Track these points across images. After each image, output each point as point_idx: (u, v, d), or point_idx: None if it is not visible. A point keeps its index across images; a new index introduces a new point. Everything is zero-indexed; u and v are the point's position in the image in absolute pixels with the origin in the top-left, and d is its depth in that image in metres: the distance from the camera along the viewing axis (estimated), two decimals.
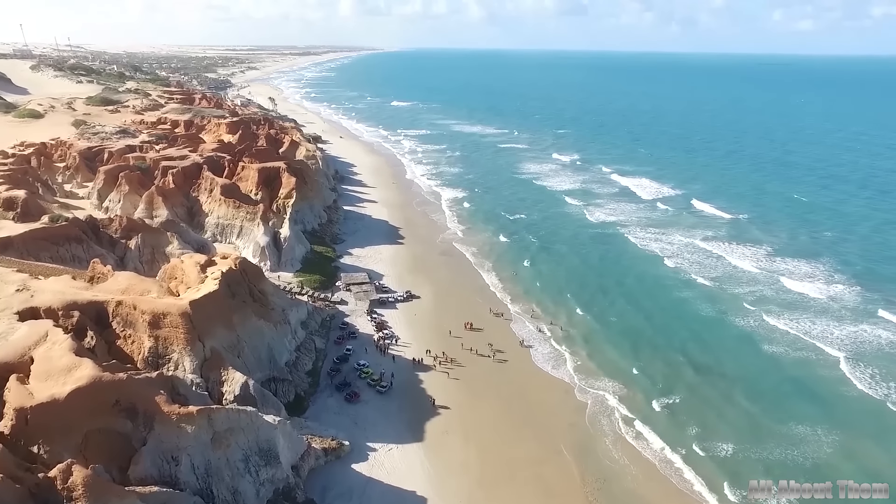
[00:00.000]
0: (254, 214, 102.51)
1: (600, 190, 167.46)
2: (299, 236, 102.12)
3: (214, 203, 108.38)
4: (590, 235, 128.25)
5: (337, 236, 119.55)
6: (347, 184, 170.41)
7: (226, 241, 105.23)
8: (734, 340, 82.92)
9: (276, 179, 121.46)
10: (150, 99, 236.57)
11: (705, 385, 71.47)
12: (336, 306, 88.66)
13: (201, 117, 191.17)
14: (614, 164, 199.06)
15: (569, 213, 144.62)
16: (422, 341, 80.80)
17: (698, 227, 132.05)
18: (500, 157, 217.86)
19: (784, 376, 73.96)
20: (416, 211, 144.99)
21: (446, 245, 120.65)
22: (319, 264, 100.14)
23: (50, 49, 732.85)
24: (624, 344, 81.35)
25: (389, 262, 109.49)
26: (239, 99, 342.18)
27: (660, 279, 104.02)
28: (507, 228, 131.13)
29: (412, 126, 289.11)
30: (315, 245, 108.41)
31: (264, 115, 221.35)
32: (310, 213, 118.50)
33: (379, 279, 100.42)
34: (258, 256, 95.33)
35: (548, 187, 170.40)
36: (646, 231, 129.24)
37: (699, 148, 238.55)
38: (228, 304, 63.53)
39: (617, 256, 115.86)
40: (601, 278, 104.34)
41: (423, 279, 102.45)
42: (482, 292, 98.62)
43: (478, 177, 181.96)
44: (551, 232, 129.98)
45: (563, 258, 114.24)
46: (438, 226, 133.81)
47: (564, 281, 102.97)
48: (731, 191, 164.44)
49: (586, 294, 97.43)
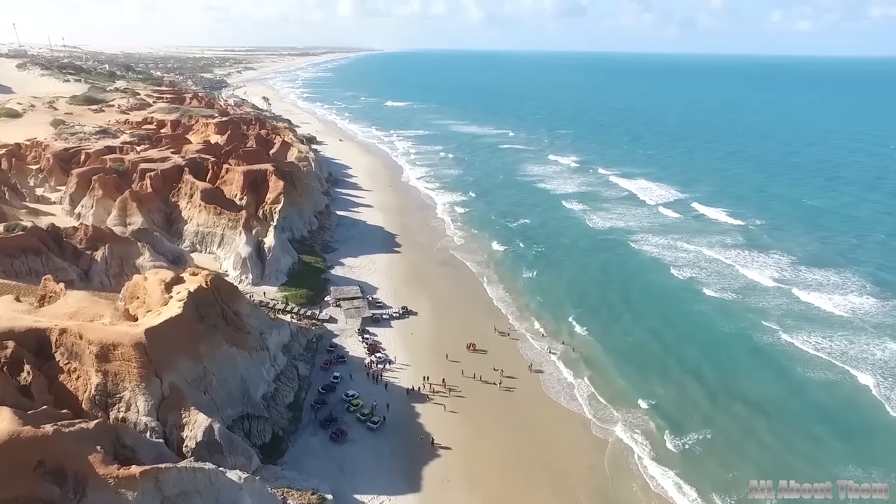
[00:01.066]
0: (236, 222, 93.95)
1: (601, 193, 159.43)
2: (285, 246, 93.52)
3: (194, 209, 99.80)
4: (594, 243, 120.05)
5: (328, 244, 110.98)
6: (342, 187, 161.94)
7: (206, 251, 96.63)
8: (754, 362, 74.73)
9: (263, 183, 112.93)
10: (137, 98, 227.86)
11: (736, 418, 63.08)
12: (324, 325, 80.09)
13: (189, 117, 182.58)
14: (614, 165, 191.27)
15: (571, 219, 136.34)
16: (419, 366, 72.27)
17: (704, 233, 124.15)
18: (499, 158, 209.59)
19: (811, 405, 65.80)
20: (413, 216, 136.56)
21: (445, 254, 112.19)
22: (307, 276, 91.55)
23: (45, 49, 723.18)
24: (641, 368, 73.10)
25: (384, 273, 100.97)
26: (232, 99, 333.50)
27: (669, 291, 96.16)
28: (509, 235, 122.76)
29: (410, 126, 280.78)
30: (304, 254, 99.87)
31: (256, 116, 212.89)
32: (299, 219, 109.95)
33: (372, 293, 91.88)
34: (239, 268, 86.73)
35: (549, 190, 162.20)
36: (650, 238, 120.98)
37: (700, 148, 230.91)
38: (195, 329, 54.92)
39: (623, 266, 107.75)
40: (609, 291, 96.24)
41: (421, 292, 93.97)
42: (485, 307, 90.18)
43: (477, 179, 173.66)
44: (554, 239, 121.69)
45: (568, 268, 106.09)
46: (437, 232, 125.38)
47: (571, 293, 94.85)
48: (735, 193, 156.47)
49: (595, 308, 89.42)
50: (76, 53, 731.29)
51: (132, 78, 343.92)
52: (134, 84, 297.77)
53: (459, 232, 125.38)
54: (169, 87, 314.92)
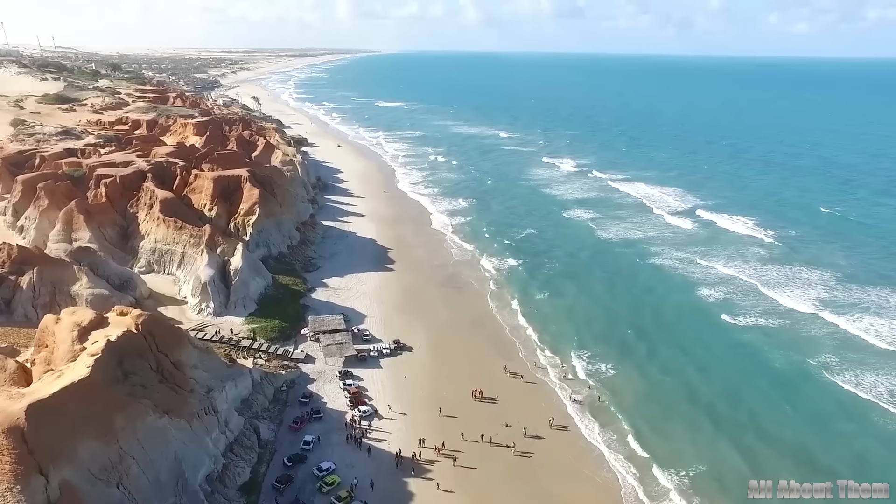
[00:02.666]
0: (198, 238, 79.80)
1: (607, 199, 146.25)
2: (256, 267, 79.34)
3: (152, 222, 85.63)
4: (607, 257, 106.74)
5: (311, 261, 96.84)
6: (331, 193, 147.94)
7: (164, 272, 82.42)
8: (829, 420, 60.67)
9: (236, 191, 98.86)
10: (116, 97, 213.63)
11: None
12: (298, 366, 66.02)
13: (167, 117, 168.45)
14: (616, 168, 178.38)
15: (579, 229, 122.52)
16: (413, 421, 58.31)
17: (719, 245, 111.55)
18: (501, 161, 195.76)
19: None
20: (408, 226, 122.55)
21: (445, 272, 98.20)
22: (282, 303, 77.37)
23: (35, 50, 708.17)
24: (689, 418, 60.06)
25: (374, 296, 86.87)
26: (221, 99, 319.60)
27: (698, 317, 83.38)
28: (517, 248, 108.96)
29: (407, 128, 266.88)
30: (280, 274, 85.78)
31: (242, 116, 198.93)
32: (277, 232, 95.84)
33: (359, 322, 77.78)
34: (199, 295, 72.52)
35: (553, 196, 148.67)
36: (665, 251, 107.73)
37: (701, 149, 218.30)
38: (110, 396, 40.83)
39: (643, 285, 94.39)
40: (633, 315, 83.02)
41: (417, 321, 79.98)
42: (492, 339, 76.23)
43: (478, 185, 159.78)
44: (564, 253, 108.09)
45: (584, 287, 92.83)
46: (435, 245, 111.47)
47: (590, 320, 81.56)
48: (744, 199, 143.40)
49: (621, 339, 76.25)
50: (70, 54, 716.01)
51: (117, 77, 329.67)
52: (118, 83, 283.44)
53: (460, 245, 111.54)
54: (155, 86, 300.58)
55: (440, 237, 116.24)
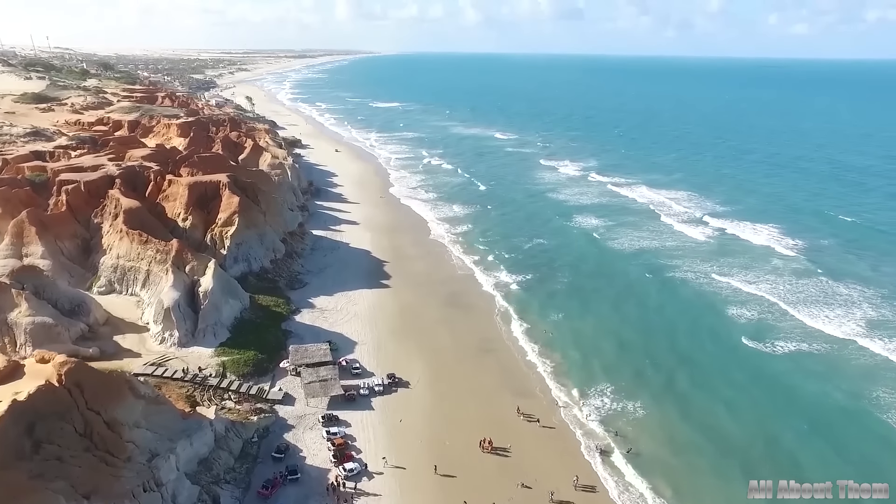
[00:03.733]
0: (165, 254, 69.79)
1: (614, 204, 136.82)
2: (230, 287, 69.29)
3: (115, 235, 75.59)
4: (624, 270, 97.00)
5: (297, 277, 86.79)
6: (324, 198, 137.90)
7: (127, 292, 72.39)
8: (883, 466, 51.43)
9: (215, 199, 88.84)
10: (100, 96, 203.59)
11: None
12: (274, 407, 56.04)
13: (150, 117, 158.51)
14: (622, 172, 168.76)
15: (587, 239, 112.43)
16: (410, 480, 48.38)
17: (735, 256, 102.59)
18: (505, 163, 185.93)
19: None
20: (406, 235, 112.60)
21: (447, 288, 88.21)
22: (260, 330, 67.32)
23: (31, 51, 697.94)
24: (724, 474, 50.18)
25: (367, 318, 76.84)
26: (215, 99, 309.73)
27: (723, 341, 74.21)
28: (523, 261, 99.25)
29: (406, 129, 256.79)
30: (260, 294, 75.78)
31: (231, 116, 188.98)
32: (259, 245, 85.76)
33: (348, 350, 67.87)
34: (161, 322, 62.47)
35: (557, 202, 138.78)
36: (681, 265, 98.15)
37: (705, 151, 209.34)
38: (8, 479, 30.86)
39: (666, 304, 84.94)
40: (652, 342, 73.91)
41: (415, 347, 70.08)
42: (502, 370, 66.36)
43: (478, 189, 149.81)
44: (578, 266, 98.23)
45: (602, 306, 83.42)
46: (436, 257, 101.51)
47: (609, 346, 72.33)
48: (755, 206, 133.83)
49: (641, 369, 67.19)
50: (67, 54, 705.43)
51: (107, 76, 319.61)
52: (106, 82, 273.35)
53: (462, 257, 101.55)
54: (144, 86, 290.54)
55: (440, 248, 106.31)
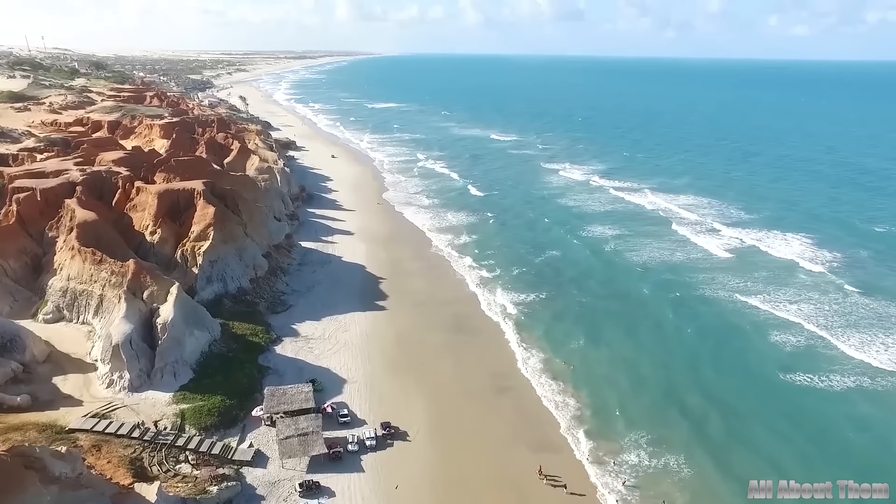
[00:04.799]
0: (121, 277, 59.49)
1: (622, 212, 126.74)
2: (196, 316, 58.86)
3: (67, 252, 65.32)
4: (647, 286, 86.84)
5: (280, 298, 76.44)
6: (318, 205, 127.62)
7: (78, 320, 62.04)
8: None
9: (189, 209, 78.62)
10: (83, 95, 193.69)
11: None
12: (242, 470, 45.71)
13: (132, 117, 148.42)
14: (626, 176, 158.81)
15: (605, 251, 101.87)
16: None
17: (758, 271, 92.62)
18: (505, 166, 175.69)
19: None
20: (405, 247, 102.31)
21: (451, 309, 77.90)
22: (231, 367, 56.97)
23: (29, 51, 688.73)
24: None
25: (359, 348, 66.55)
26: (208, 99, 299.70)
27: (774, 377, 63.39)
28: (534, 277, 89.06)
29: (404, 130, 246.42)
30: (236, 321, 65.53)
31: (221, 117, 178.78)
32: (237, 262, 75.43)
33: (335, 391, 57.59)
34: (109, 362, 52.13)
35: (566, 209, 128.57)
36: (701, 283, 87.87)
37: (710, 152, 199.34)
38: None
39: (695, 329, 74.66)
40: (695, 377, 63.61)
41: (415, 385, 59.86)
42: (519, 415, 56.18)
43: (481, 195, 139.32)
44: (596, 282, 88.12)
45: (629, 330, 73.55)
46: (438, 272, 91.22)
47: (646, 383, 62.48)
48: (770, 213, 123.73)
49: (680, 412, 57.18)
50: (66, 55, 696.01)
51: (97, 76, 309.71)
52: (95, 82, 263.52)
53: (467, 272, 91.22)
54: (135, 85, 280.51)
55: (441, 262, 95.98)
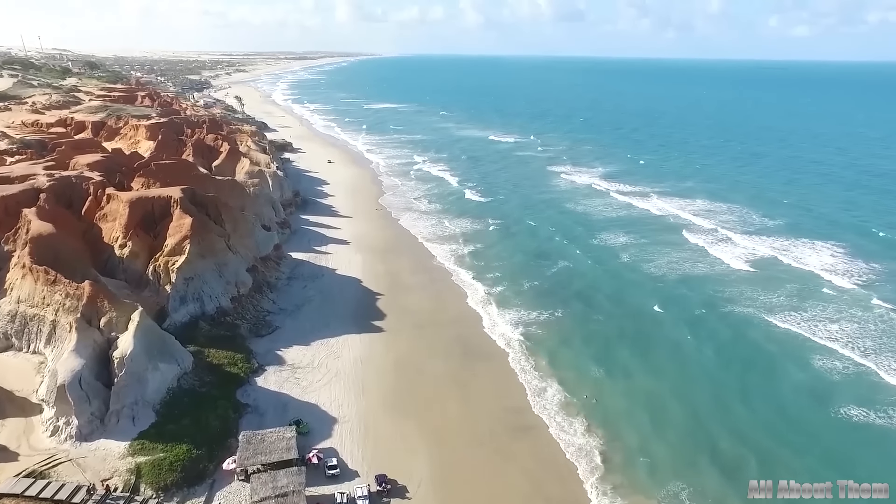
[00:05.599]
0: (75, 300, 51.57)
1: (635, 219, 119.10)
2: (162, 347, 50.84)
3: (18, 271, 57.37)
4: (669, 303, 79.29)
5: (265, 319, 68.47)
6: (311, 211, 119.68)
7: (28, 349, 54.09)
8: None
9: (165, 218, 70.77)
10: (70, 95, 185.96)
11: None
12: None
13: (117, 118, 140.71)
14: (639, 180, 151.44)
15: (619, 262, 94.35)
16: None
17: (782, 284, 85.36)
18: (510, 168, 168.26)
19: None
20: (404, 259, 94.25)
21: (455, 331, 69.97)
22: (202, 406, 48.97)
23: (29, 52, 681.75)
24: None
25: (352, 379, 58.56)
26: (203, 100, 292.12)
27: (824, 415, 55.84)
28: (543, 292, 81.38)
29: (404, 132, 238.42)
30: (213, 347, 57.60)
31: (213, 118, 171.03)
32: (216, 279, 67.50)
33: (323, 434, 49.62)
34: (55, 404, 44.18)
35: (572, 216, 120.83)
36: (731, 300, 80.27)
37: (715, 154, 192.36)
38: None
39: (729, 349, 67.85)
40: (739, 411, 55.99)
41: (415, 428, 51.90)
42: (540, 465, 48.16)
43: (486, 199, 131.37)
44: (607, 301, 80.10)
45: (650, 355, 66.20)
46: (440, 288, 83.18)
47: (678, 421, 54.83)
48: (788, 219, 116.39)
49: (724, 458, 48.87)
50: (65, 55, 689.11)
51: (90, 76, 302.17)
52: (87, 81, 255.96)
53: (472, 287, 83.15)
54: (127, 85, 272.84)
55: (443, 275, 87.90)
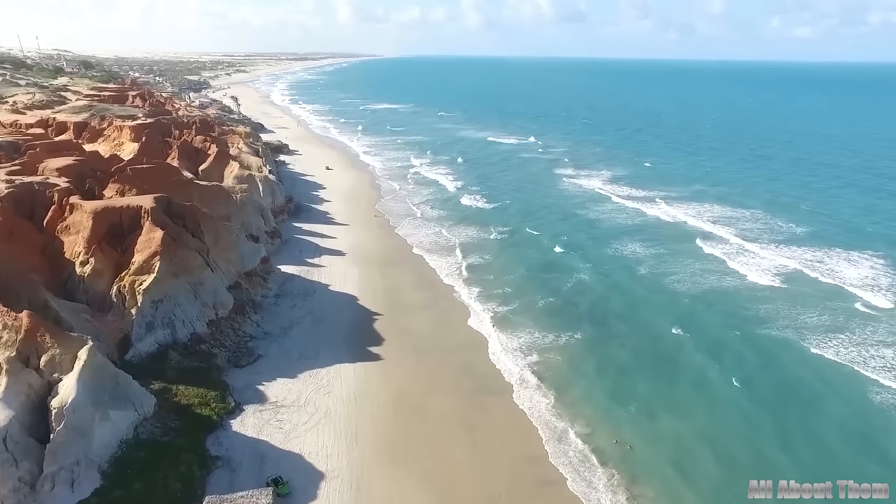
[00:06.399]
0: (13, 333, 43.58)
1: (646, 226, 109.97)
2: (115, 391, 42.70)
3: None
4: (688, 325, 69.58)
5: (246, 345, 60.33)
6: (305, 218, 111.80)
7: None
8: None
9: (135, 231, 62.83)
10: (57, 94, 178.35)
11: None
12: None
13: (101, 118, 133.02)
14: (645, 184, 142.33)
15: (631, 276, 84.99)
16: None
17: (816, 303, 75.34)
18: (512, 171, 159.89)
19: None
20: (405, 272, 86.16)
21: (462, 359, 61.86)
22: (163, 461, 40.95)
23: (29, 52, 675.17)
24: None
25: (344, 421, 50.44)
26: (199, 100, 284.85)
27: None
28: (558, 312, 72.85)
29: (405, 133, 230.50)
30: (182, 383, 49.58)
31: (204, 118, 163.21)
32: (191, 300, 59.44)
33: (307, 496, 41.44)
34: None
35: (586, 221, 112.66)
36: (763, 323, 70.23)
37: (720, 156, 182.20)
38: None
39: (762, 382, 58.59)
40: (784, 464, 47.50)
41: (417, 485, 43.83)
42: None
43: (491, 205, 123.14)
44: (623, 317, 71.78)
45: (674, 388, 57.67)
46: (444, 307, 75.07)
47: (714, 472, 46.39)
48: (810, 227, 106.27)
49: None
50: (63, 55, 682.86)
51: (82, 75, 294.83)
52: (78, 81, 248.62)
53: (479, 305, 74.99)
54: (119, 84, 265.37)
55: (447, 290, 79.78)
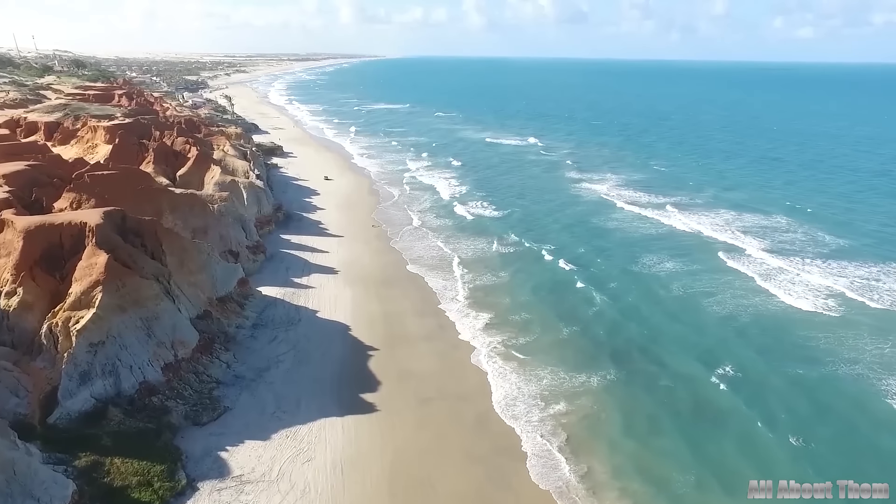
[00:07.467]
0: None
1: (665, 236, 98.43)
2: (8, 485, 31.99)
3: None
4: (723, 365, 57.13)
5: (210, 395, 49.37)
6: (295, 229, 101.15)
7: None
8: None
9: (78, 254, 52.13)
10: (35, 93, 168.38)
11: None
12: None
13: (74, 118, 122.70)
14: (656, 189, 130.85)
15: (659, 301, 72.32)
16: None
17: (869, 332, 63.26)
18: (519, 174, 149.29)
19: None
20: (406, 295, 75.20)
21: (474, 409, 50.85)
22: None
23: (27, 52, 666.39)
24: None
25: (329, 497, 39.66)
26: (192, 100, 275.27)
27: None
28: (577, 348, 60.94)
29: (406, 135, 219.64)
30: (120, 455, 38.77)
31: (191, 118, 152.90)
32: (142, 341, 48.51)
33: None
34: None
35: (596, 232, 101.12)
36: (816, 356, 58.37)
37: (730, 159, 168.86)
38: None
39: (825, 437, 48.22)
40: None
41: None
42: None
43: (496, 213, 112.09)
44: (655, 357, 59.35)
45: (734, 456, 45.92)
46: (450, 338, 64.09)
47: None
48: (841, 239, 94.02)
49: None
50: (63, 55, 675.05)
51: (72, 74, 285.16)
52: (66, 79, 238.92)
53: (490, 338, 63.85)
54: (109, 83, 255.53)
55: (454, 319, 68.93)
